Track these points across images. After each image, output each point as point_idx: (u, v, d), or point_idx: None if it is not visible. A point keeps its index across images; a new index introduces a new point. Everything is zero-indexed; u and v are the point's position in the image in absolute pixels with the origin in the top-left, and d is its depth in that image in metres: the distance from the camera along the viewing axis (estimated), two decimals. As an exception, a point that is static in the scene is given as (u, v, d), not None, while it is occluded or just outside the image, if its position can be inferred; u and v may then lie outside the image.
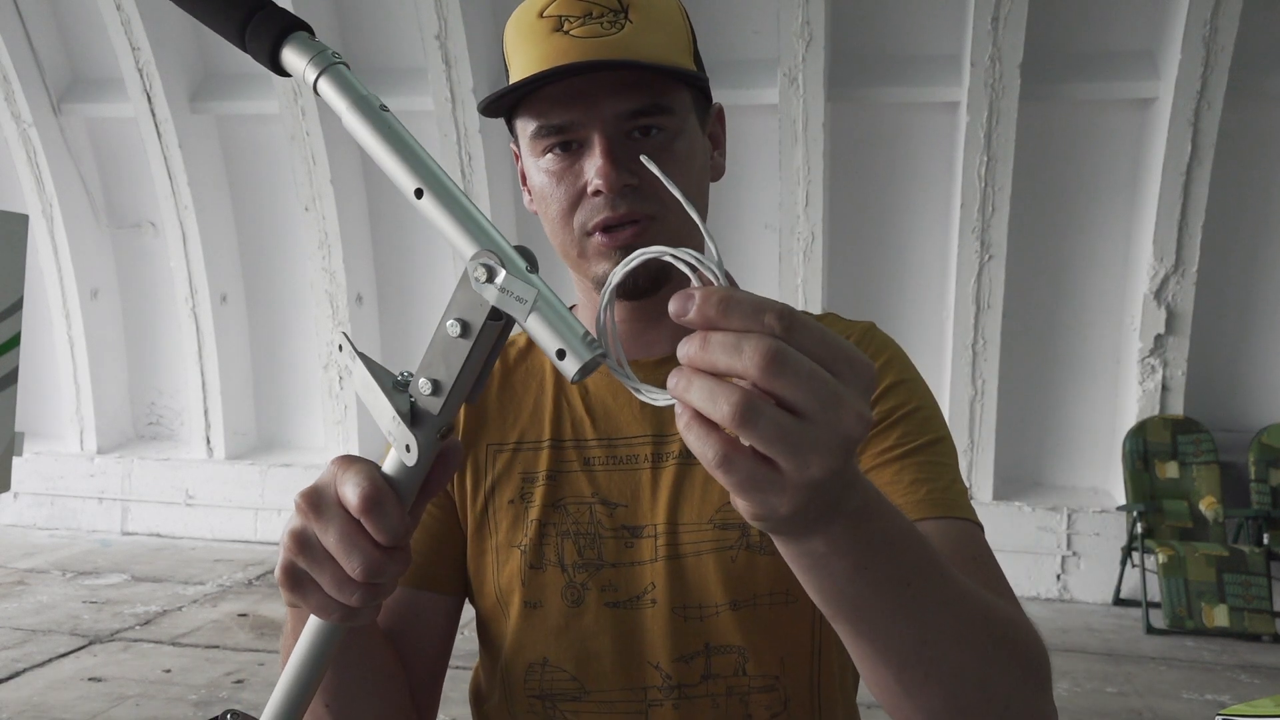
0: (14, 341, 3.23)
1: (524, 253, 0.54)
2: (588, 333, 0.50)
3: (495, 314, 0.54)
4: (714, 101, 0.94)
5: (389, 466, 0.58)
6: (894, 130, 5.40)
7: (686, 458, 0.91)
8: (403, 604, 0.94)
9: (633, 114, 0.84)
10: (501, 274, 0.52)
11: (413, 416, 0.57)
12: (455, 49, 5.32)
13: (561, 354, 0.50)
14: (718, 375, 0.46)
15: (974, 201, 5.13)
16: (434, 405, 0.56)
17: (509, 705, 0.93)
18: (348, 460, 0.58)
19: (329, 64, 0.59)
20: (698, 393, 0.46)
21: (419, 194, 0.56)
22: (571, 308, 1.00)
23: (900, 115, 5.37)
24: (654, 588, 0.89)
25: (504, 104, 0.87)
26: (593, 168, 0.83)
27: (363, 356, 0.59)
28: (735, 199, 5.47)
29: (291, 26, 0.61)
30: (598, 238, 0.86)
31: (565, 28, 0.83)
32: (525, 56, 0.85)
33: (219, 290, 6.18)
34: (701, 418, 0.46)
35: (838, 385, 0.46)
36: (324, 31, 5.66)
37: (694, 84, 0.88)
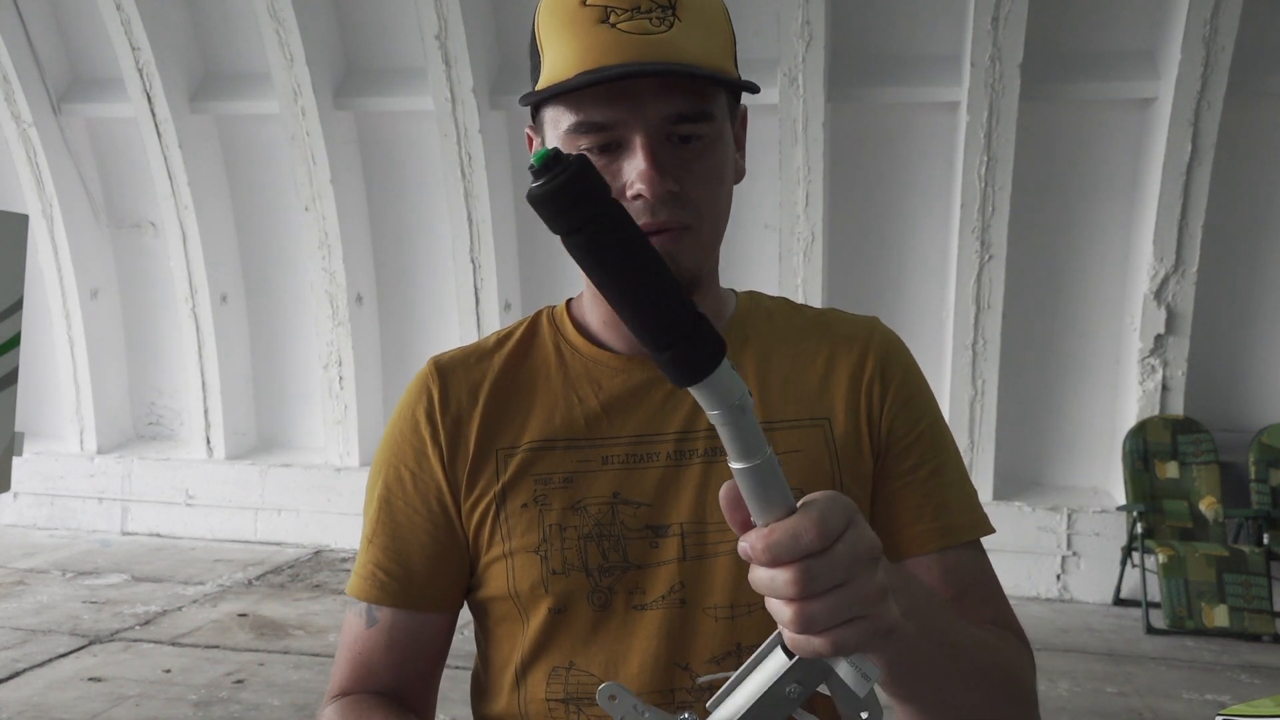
0: (14, 341, 3.23)
1: None
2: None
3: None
4: (741, 104, 0.93)
5: None
6: (894, 130, 5.40)
7: (712, 455, 0.89)
8: (406, 629, 0.92)
9: (677, 118, 0.82)
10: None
11: None
12: (455, 49, 5.32)
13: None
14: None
15: (974, 201, 5.13)
16: None
17: (520, 707, 0.91)
18: None
19: (741, 412, 0.57)
20: (774, 616, 0.61)
21: None
22: (578, 296, 1.00)
23: (900, 115, 5.37)
24: (682, 588, 0.87)
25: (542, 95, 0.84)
26: (634, 171, 0.81)
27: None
28: (735, 198, 5.42)
29: (721, 351, 0.56)
30: None
31: (611, 20, 0.80)
32: (567, 46, 0.82)
33: (219, 290, 6.18)
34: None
35: (844, 551, 0.59)
36: (324, 32, 5.67)
37: (732, 88, 0.87)
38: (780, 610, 0.59)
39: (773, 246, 5.47)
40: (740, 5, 5.17)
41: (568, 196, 0.52)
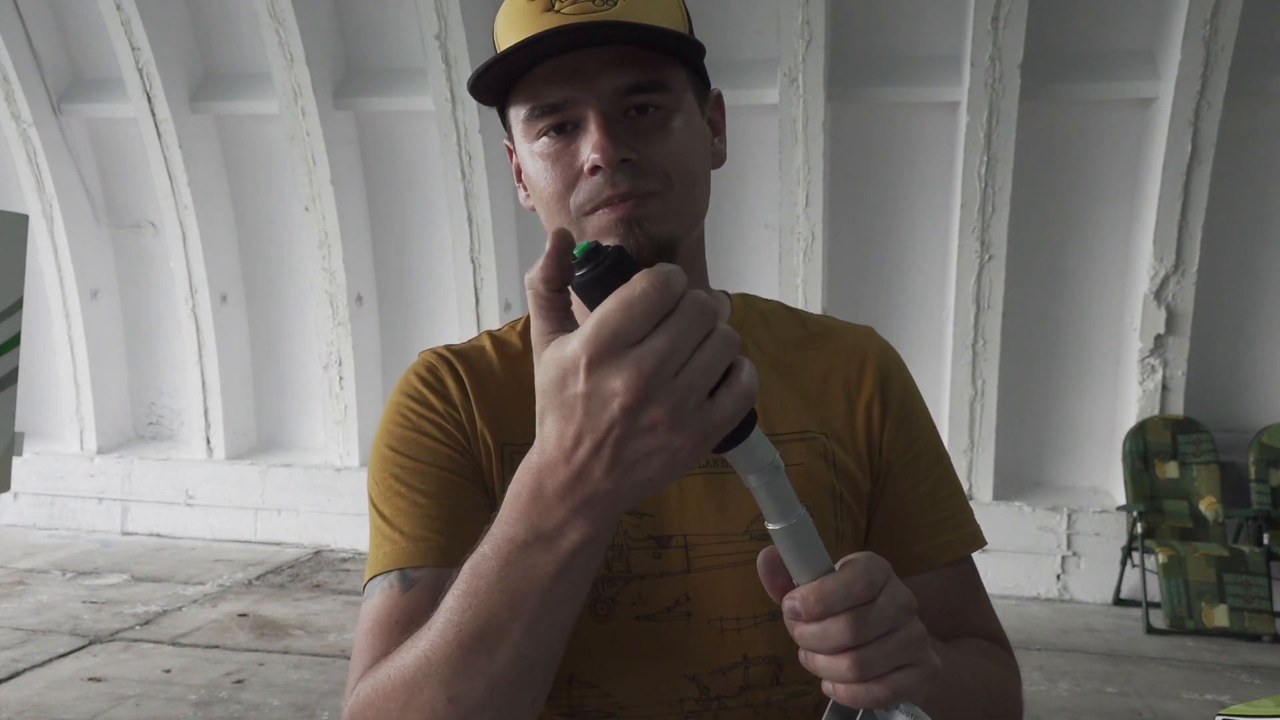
0: (14, 341, 3.24)
1: None
2: None
3: None
4: (712, 86, 0.92)
5: None
6: (894, 130, 5.40)
7: (715, 466, 0.87)
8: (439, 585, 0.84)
9: (629, 89, 0.81)
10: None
11: None
12: (455, 49, 5.32)
13: None
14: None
15: (974, 201, 5.13)
16: None
17: None
18: None
19: (775, 473, 0.61)
20: (826, 673, 0.64)
21: None
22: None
23: (900, 115, 5.37)
24: (687, 600, 0.85)
25: (495, 89, 0.84)
26: (589, 144, 0.81)
27: None
28: (735, 199, 5.47)
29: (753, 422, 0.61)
30: (597, 216, 0.82)
31: (556, 7, 0.81)
32: (516, 38, 0.82)
33: (219, 290, 6.18)
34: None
35: (889, 602, 0.63)
36: (324, 32, 5.67)
37: (690, 63, 0.86)
38: (834, 665, 0.62)
39: (773, 246, 5.47)
40: (740, 5, 5.21)
41: (607, 284, 0.57)
